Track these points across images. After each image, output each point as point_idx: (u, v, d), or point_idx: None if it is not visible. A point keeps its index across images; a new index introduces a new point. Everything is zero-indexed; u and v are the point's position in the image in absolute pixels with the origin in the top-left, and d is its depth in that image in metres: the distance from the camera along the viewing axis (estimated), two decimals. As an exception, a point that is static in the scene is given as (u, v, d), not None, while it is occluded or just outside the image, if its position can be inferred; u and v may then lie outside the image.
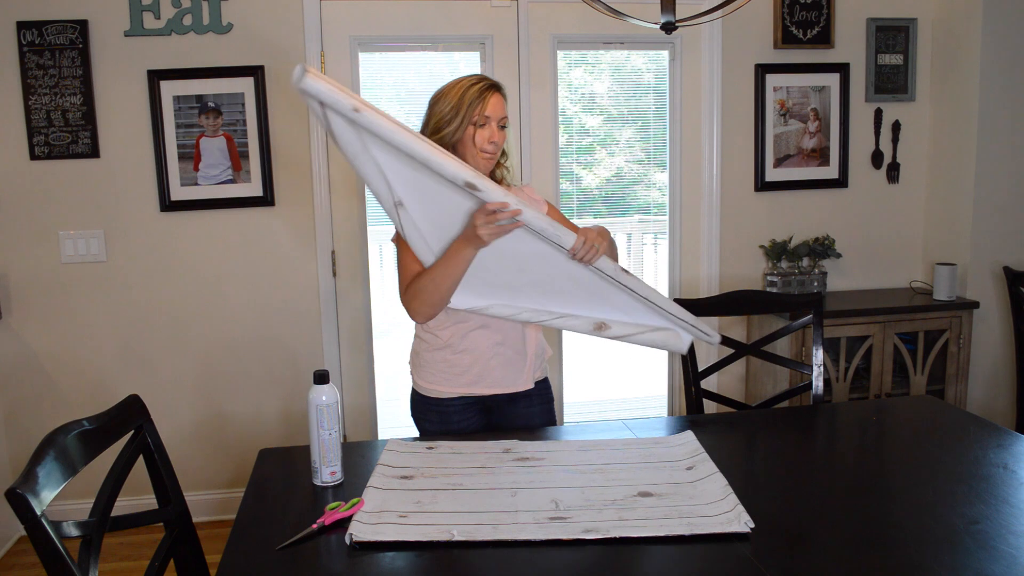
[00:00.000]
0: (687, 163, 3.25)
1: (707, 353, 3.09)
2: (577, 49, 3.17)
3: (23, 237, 2.86)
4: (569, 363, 3.27)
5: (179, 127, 2.87)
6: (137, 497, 2.21)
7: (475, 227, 1.58)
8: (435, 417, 1.88)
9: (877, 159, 3.34)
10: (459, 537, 1.28)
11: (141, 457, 1.49)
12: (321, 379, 1.52)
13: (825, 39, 3.20)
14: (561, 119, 3.15)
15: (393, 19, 2.97)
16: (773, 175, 3.27)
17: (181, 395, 3.01)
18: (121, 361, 2.97)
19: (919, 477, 1.53)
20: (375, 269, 3.17)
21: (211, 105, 2.87)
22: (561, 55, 3.13)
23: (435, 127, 1.78)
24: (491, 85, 1.79)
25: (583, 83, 3.20)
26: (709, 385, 3.19)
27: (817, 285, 3.22)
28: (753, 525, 1.29)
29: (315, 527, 1.33)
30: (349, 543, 1.28)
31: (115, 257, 2.92)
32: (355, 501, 1.40)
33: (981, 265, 3.20)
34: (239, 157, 2.91)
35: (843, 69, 3.25)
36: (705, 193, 3.25)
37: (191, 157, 2.89)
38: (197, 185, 2.90)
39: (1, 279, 2.85)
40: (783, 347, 3.00)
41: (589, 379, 3.44)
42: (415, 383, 1.93)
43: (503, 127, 1.80)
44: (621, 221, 3.33)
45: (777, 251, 3.23)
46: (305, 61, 2.90)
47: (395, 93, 3.12)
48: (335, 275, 3.06)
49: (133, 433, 1.49)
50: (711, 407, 2.34)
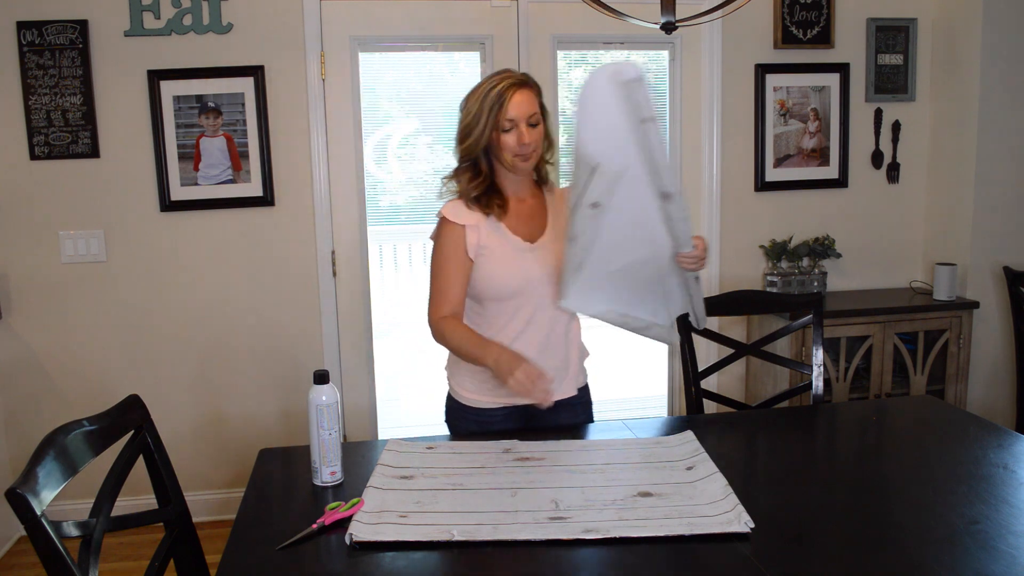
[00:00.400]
0: (687, 163, 3.25)
1: (707, 353, 3.09)
2: (577, 49, 3.17)
3: (23, 237, 2.86)
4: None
5: (179, 127, 2.87)
6: (137, 497, 2.21)
7: (511, 370, 1.60)
8: (474, 426, 1.83)
9: (877, 159, 3.34)
10: (459, 537, 1.28)
11: (141, 457, 1.49)
12: (321, 379, 1.52)
13: (825, 39, 3.20)
14: (561, 119, 3.15)
15: (393, 19, 2.97)
16: (773, 175, 3.27)
17: (181, 395, 3.01)
18: (121, 361, 2.97)
19: (919, 477, 1.53)
20: (375, 269, 3.17)
21: (211, 105, 2.87)
22: (561, 55, 3.13)
23: (463, 132, 1.73)
24: (513, 83, 1.69)
25: (583, 83, 3.19)
26: (709, 385, 3.18)
27: (817, 285, 3.22)
28: (753, 525, 1.29)
29: (315, 527, 1.33)
30: (349, 543, 1.28)
31: (115, 257, 2.92)
32: (355, 501, 1.40)
33: (981, 265, 3.20)
34: (239, 157, 2.91)
35: (843, 69, 3.25)
36: (705, 193, 3.25)
37: (191, 157, 2.89)
38: (197, 185, 2.90)
39: (1, 279, 2.85)
40: (783, 347, 3.00)
41: (589, 379, 3.42)
42: (453, 389, 1.87)
43: (535, 124, 1.72)
44: (621, 221, 3.32)
45: (777, 251, 3.23)
46: (306, 61, 2.90)
47: (395, 93, 3.12)
48: (335, 275, 3.06)
49: (133, 433, 1.49)
50: (711, 407, 2.34)
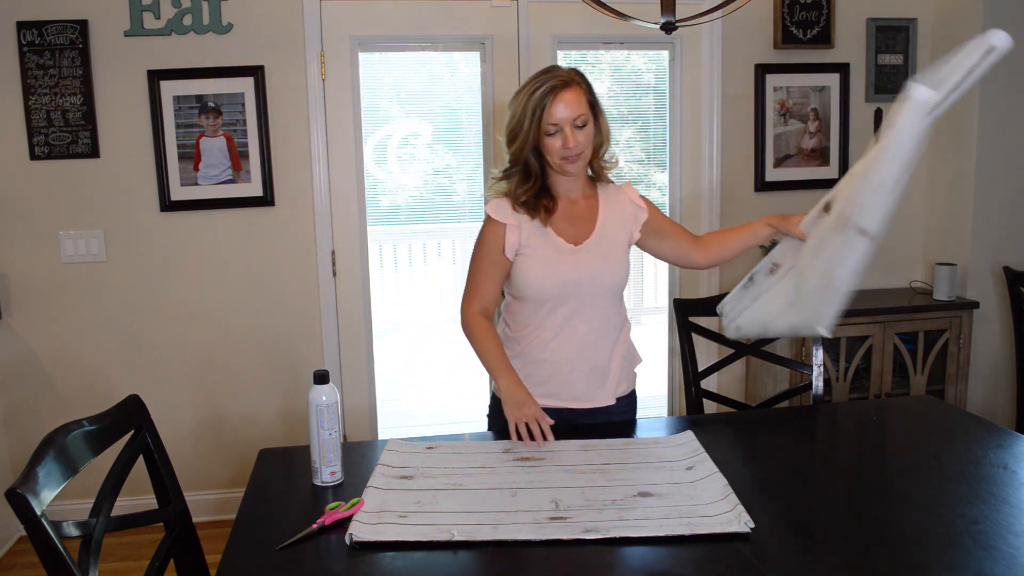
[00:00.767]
0: (687, 163, 3.25)
1: (707, 353, 3.09)
2: (577, 49, 3.17)
3: (23, 237, 2.86)
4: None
5: (179, 127, 2.87)
6: (137, 497, 2.21)
7: (517, 408, 1.66)
8: (506, 422, 1.81)
9: (877, 159, 3.34)
10: (459, 537, 1.28)
11: (141, 457, 1.49)
12: (321, 379, 1.52)
13: (825, 39, 3.20)
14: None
15: (393, 19, 2.97)
16: (773, 175, 3.27)
17: (181, 395, 3.01)
18: (121, 361, 2.97)
19: (919, 477, 1.53)
20: (375, 269, 3.17)
21: (211, 105, 2.87)
22: (561, 55, 3.13)
23: (509, 136, 1.71)
24: (556, 85, 1.63)
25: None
26: (709, 385, 3.19)
27: (817, 285, 3.22)
28: (753, 525, 1.29)
29: (315, 527, 1.33)
30: (349, 543, 1.28)
31: (115, 257, 2.92)
32: (355, 501, 1.40)
33: (981, 265, 3.20)
34: (239, 157, 2.91)
35: (843, 69, 3.25)
36: (705, 193, 3.25)
37: (191, 157, 2.89)
38: (197, 185, 2.90)
39: (1, 279, 2.85)
40: (783, 347, 2.99)
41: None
42: (494, 388, 1.86)
43: (582, 125, 1.67)
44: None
45: (777, 251, 3.22)
46: (305, 61, 2.90)
47: (395, 93, 3.12)
48: (335, 275, 3.06)
49: (133, 433, 1.49)
50: (711, 407, 2.34)
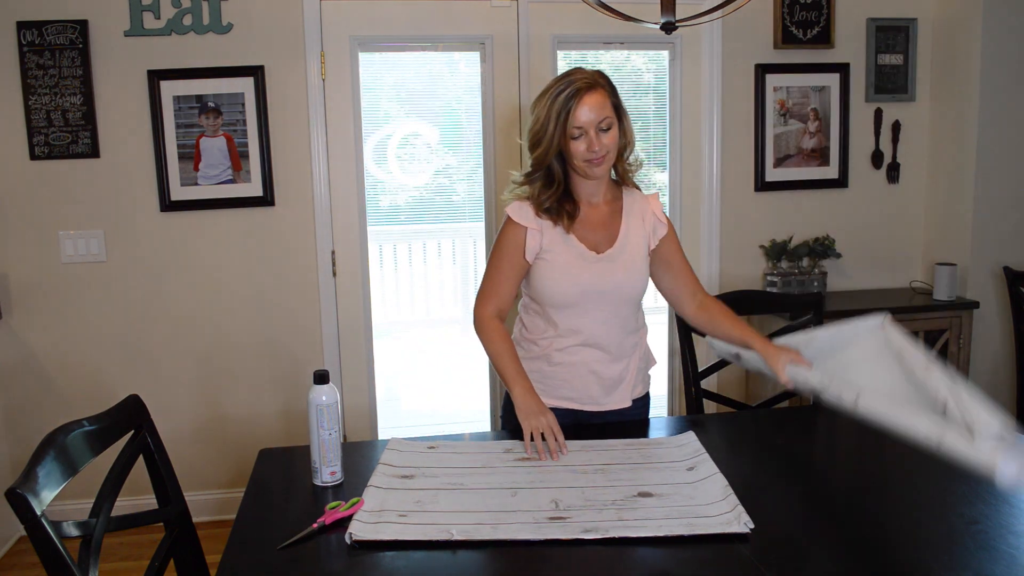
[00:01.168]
0: (687, 163, 3.25)
1: (707, 353, 3.09)
2: (577, 49, 3.17)
3: (23, 237, 2.86)
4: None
5: (179, 127, 2.87)
6: (137, 497, 2.21)
7: (532, 418, 1.64)
8: None
9: (877, 159, 3.34)
10: (458, 536, 1.28)
11: (141, 457, 1.49)
12: (321, 379, 1.52)
13: (825, 39, 3.20)
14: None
15: (393, 19, 2.97)
16: (773, 175, 3.27)
17: (181, 395, 3.01)
18: (121, 361, 2.97)
19: (919, 477, 1.53)
20: (375, 269, 3.17)
21: (211, 105, 2.87)
22: (561, 55, 3.13)
23: (532, 140, 1.70)
24: (580, 88, 1.62)
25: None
26: (709, 385, 3.19)
27: (817, 285, 3.22)
28: (753, 526, 1.29)
29: (315, 527, 1.33)
30: (349, 543, 1.28)
31: (115, 257, 2.92)
32: (355, 501, 1.40)
33: (981, 265, 3.20)
34: (239, 157, 2.91)
35: (843, 69, 3.24)
36: (705, 193, 3.25)
37: (191, 157, 2.88)
38: (197, 185, 2.90)
39: (1, 279, 2.85)
40: (783, 347, 2.99)
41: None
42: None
43: (607, 128, 1.65)
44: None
45: (777, 251, 3.23)
46: (306, 61, 2.90)
47: (395, 93, 3.12)
48: (335, 275, 3.06)
49: (133, 433, 1.49)
50: (711, 407, 2.34)
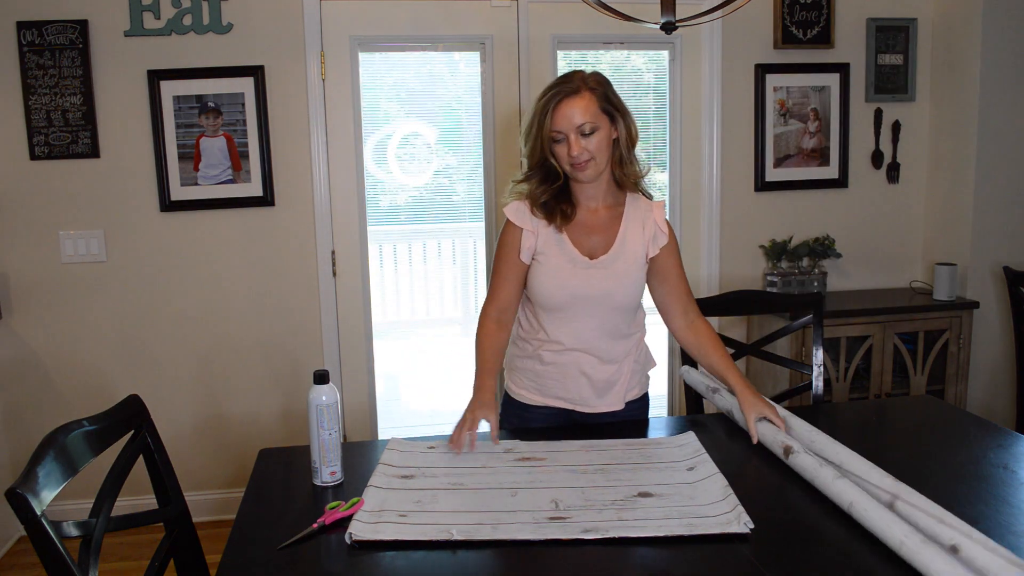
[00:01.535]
0: (687, 163, 3.25)
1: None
2: (577, 49, 3.17)
3: (23, 237, 2.86)
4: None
5: (179, 127, 2.87)
6: (137, 497, 2.21)
7: (470, 406, 1.70)
8: (516, 420, 1.88)
9: (877, 159, 3.34)
10: (458, 536, 1.28)
11: (141, 457, 1.49)
12: (321, 379, 1.52)
13: (825, 39, 3.20)
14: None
15: (393, 19, 2.97)
16: (773, 175, 3.27)
17: (181, 395, 3.01)
18: (121, 361, 2.97)
19: (919, 477, 1.53)
20: (375, 269, 3.17)
21: (211, 105, 2.87)
22: (561, 55, 3.13)
23: (524, 137, 1.72)
24: (558, 93, 1.63)
25: None
26: (709, 385, 3.19)
27: (817, 285, 3.22)
28: (753, 526, 1.29)
29: (315, 527, 1.33)
30: (349, 542, 1.28)
31: (115, 257, 2.92)
32: (355, 501, 1.40)
33: (981, 265, 3.20)
34: (239, 157, 2.91)
35: (843, 69, 3.25)
36: (705, 193, 3.25)
37: (191, 157, 2.89)
38: (197, 185, 2.90)
39: (1, 279, 2.85)
40: (783, 347, 2.99)
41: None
42: (507, 385, 1.93)
43: (588, 133, 1.63)
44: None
45: (777, 251, 3.23)
46: (305, 61, 2.90)
47: (395, 93, 3.12)
48: (335, 275, 3.06)
49: (133, 433, 1.49)
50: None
